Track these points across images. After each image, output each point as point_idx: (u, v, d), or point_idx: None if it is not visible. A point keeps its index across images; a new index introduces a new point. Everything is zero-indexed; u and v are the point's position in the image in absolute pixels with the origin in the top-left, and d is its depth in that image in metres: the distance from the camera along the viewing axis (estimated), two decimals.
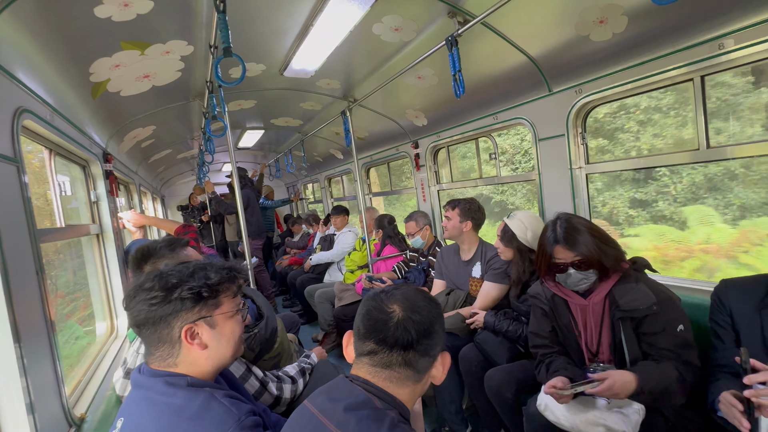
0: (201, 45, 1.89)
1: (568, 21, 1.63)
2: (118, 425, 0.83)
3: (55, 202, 1.69)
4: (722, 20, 1.36)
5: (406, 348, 0.75)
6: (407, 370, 0.76)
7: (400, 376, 0.76)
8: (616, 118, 6.60)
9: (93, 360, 1.74)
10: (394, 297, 0.80)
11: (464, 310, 2.13)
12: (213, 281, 0.86)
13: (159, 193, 5.99)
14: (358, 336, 0.79)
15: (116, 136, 2.54)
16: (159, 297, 0.82)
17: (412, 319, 0.76)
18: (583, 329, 1.42)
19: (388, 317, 0.76)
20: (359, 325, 0.80)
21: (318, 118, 3.65)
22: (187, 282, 0.84)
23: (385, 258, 3.33)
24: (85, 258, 2.16)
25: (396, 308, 0.77)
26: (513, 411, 1.68)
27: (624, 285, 1.33)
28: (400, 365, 0.75)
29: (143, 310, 0.82)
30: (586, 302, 1.39)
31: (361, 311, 0.81)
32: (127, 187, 3.37)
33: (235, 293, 0.92)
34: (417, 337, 0.75)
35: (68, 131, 1.66)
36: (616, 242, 1.37)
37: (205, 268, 0.89)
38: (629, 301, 1.29)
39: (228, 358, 0.90)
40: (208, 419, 0.78)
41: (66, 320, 2.06)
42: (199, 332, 0.85)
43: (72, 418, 1.18)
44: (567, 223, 1.37)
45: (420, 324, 0.76)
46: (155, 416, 0.79)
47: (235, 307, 0.91)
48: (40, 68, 1.36)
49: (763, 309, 1.16)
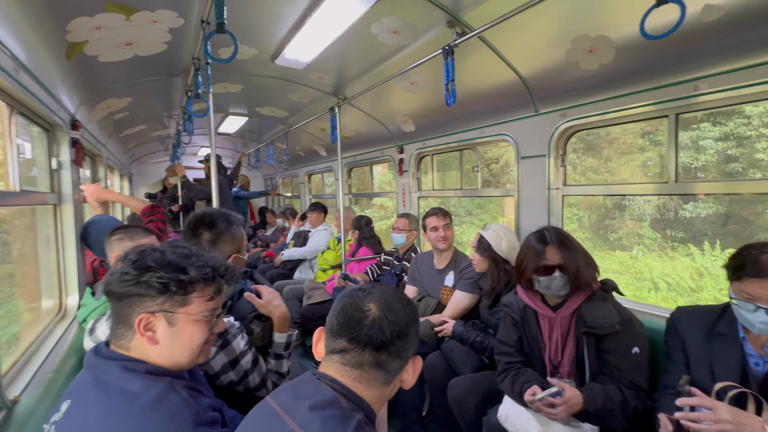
0: (192, 19, 1.81)
1: (560, 46, 1.69)
2: (62, 408, 0.76)
3: (11, 164, 1.56)
4: (699, 64, 1.46)
5: (379, 348, 0.73)
6: (378, 372, 0.74)
7: (370, 377, 0.74)
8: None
9: (35, 340, 1.60)
10: (372, 295, 0.77)
11: (434, 317, 2.14)
12: (186, 277, 0.79)
13: (127, 170, 5.68)
14: (330, 333, 0.77)
15: (88, 103, 2.39)
16: (131, 275, 0.77)
17: (387, 319, 0.74)
18: (548, 341, 1.47)
19: (364, 315, 0.74)
20: (333, 321, 0.77)
21: (305, 112, 3.59)
22: (161, 269, 0.78)
23: (359, 259, 3.30)
24: (37, 229, 2.00)
25: (372, 307, 0.75)
26: (474, 421, 1.69)
27: (592, 303, 1.39)
28: (371, 366, 0.73)
29: (114, 281, 0.78)
30: (555, 315, 1.43)
31: (336, 307, 0.79)
32: (93, 158, 3.16)
33: (212, 296, 0.84)
34: (391, 337, 0.73)
35: (34, 90, 1.54)
36: (594, 261, 1.44)
37: (189, 259, 0.82)
38: (596, 318, 1.34)
39: (182, 363, 0.82)
40: (164, 410, 0.72)
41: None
42: (155, 325, 0.78)
43: (3, 401, 1.07)
44: (556, 230, 1.45)
45: (395, 325, 0.74)
46: (105, 401, 0.73)
47: (207, 311, 0.83)
48: (10, 17, 1.25)
49: (712, 338, 1.23)
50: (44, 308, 1.96)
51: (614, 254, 6.94)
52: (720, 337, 1.22)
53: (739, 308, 1.11)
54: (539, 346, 1.49)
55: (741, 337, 1.19)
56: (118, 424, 0.70)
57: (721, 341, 1.21)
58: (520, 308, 1.53)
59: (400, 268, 2.86)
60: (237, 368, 1.14)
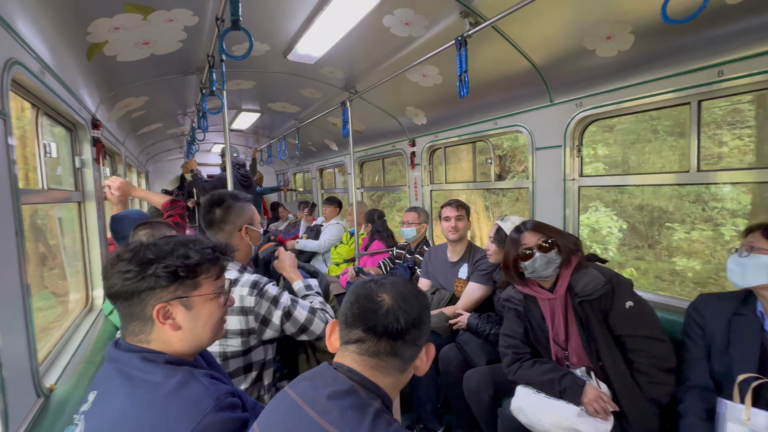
0: (207, 16, 1.83)
1: (576, 33, 1.66)
2: (90, 398, 0.79)
3: (39, 163, 1.61)
4: (724, 48, 1.41)
5: (395, 337, 0.75)
6: (394, 360, 0.76)
7: (386, 366, 0.76)
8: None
9: (65, 332, 1.67)
10: (384, 286, 0.79)
11: (448, 309, 2.14)
12: (192, 261, 0.82)
13: (144, 168, 5.80)
14: (345, 324, 0.78)
15: (107, 102, 2.45)
16: (133, 272, 0.78)
17: (402, 308, 0.76)
18: (551, 324, 1.49)
19: (378, 305, 0.76)
20: (347, 312, 0.78)
21: (316, 107, 3.61)
22: (165, 259, 0.79)
23: (372, 253, 3.32)
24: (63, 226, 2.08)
25: (385, 297, 0.77)
26: (489, 412, 1.70)
27: (578, 273, 1.44)
28: (388, 354, 0.75)
29: (117, 283, 0.78)
30: (553, 296, 1.46)
31: (349, 299, 0.80)
32: (113, 157, 3.25)
33: (218, 275, 0.88)
34: (406, 326, 0.75)
35: (59, 91, 1.59)
36: (572, 236, 1.55)
37: (187, 245, 0.84)
38: (583, 286, 1.40)
39: (205, 340, 0.86)
40: (186, 398, 0.75)
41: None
42: (172, 312, 0.81)
43: (41, 389, 1.13)
44: (531, 221, 1.59)
45: (409, 313, 0.76)
46: (130, 391, 0.75)
47: (217, 289, 0.87)
48: (36, 20, 1.29)
49: (733, 319, 1.25)
50: (72, 303, 2.04)
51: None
52: (739, 317, 1.24)
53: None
54: (545, 334, 1.51)
55: (759, 312, 1.20)
56: (142, 412, 0.73)
57: (741, 321, 1.23)
58: (521, 299, 1.57)
59: (413, 261, 2.86)
60: (292, 320, 1.33)
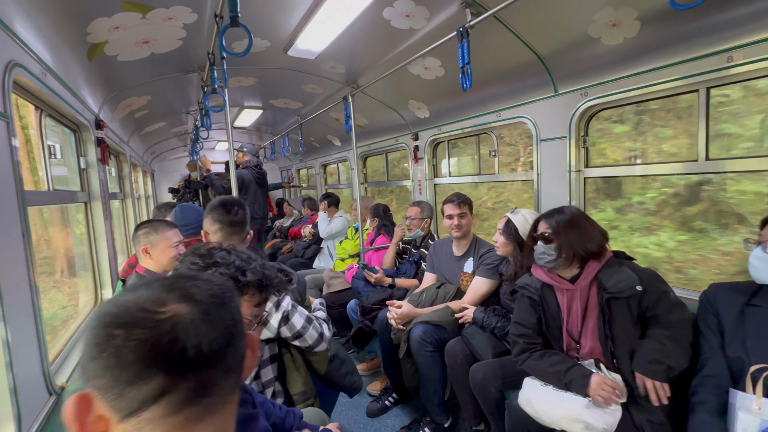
0: (205, 14, 1.82)
1: (581, 21, 1.62)
2: None
3: (44, 165, 1.63)
4: (733, 32, 1.37)
5: (215, 362, 0.44)
6: (229, 380, 0.48)
7: (218, 399, 0.46)
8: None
9: (75, 331, 1.70)
10: (161, 289, 0.47)
11: (454, 303, 2.14)
12: (244, 279, 0.84)
13: (149, 167, 5.84)
14: (123, 381, 0.39)
15: (110, 102, 2.46)
16: (198, 266, 0.85)
17: (204, 322, 0.44)
18: (567, 315, 1.47)
19: (163, 329, 0.42)
20: (113, 362, 0.39)
21: (318, 102, 3.59)
22: (224, 266, 0.85)
23: (377, 248, 3.32)
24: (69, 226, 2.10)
25: (173, 308, 0.43)
26: (495, 405, 1.71)
27: (609, 269, 1.40)
28: (217, 382, 0.45)
29: (183, 268, 0.85)
30: (574, 287, 1.44)
31: (107, 338, 0.40)
32: (117, 157, 3.27)
33: (259, 303, 0.89)
34: (220, 348, 0.44)
35: (61, 92, 1.59)
36: (597, 226, 1.45)
37: (249, 263, 0.88)
38: (615, 283, 1.36)
39: None
40: None
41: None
42: None
43: (53, 387, 1.15)
44: (562, 208, 1.50)
45: (213, 328, 0.45)
46: None
47: (251, 316, 0.87)
48: (35, 22, 1.29)
49: (747, 311, 1.22)
50: (81, 302, 2.07)
51: None
52: (754, 308, 1.21)
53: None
54: (559, 324, 1.49)
55: None
56: None
57: (756, 312, 1.20)
58: (538, 288, 1.54)
59: (418, 256, 2.86)
60: (289, 325, 1.34)
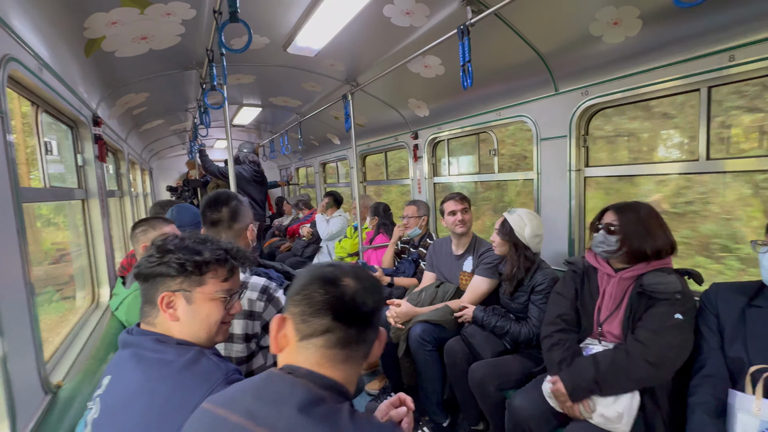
0: (204, 9, 1.80)
1: (582, 19, 1.61)
2: (104, 383, 0.83)
3: (40, 161, 1.61)
4: (736, 31, 1.36)
5: (364, 322, 0.69)
6: (363, 347, 0.70)
7: (355, 356, 0.70)
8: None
9: (71, 329, 1.68)
10: (342, 270, 0.72)
11: (453, 302, 2.13)
12: (201, 258, 0.87)
13: (148, 165, 5.81)
14: (308, 314, 0.67)
15: (108, 99, 2.44)
16: (155, 258, 0.86)
17: (367, 291, 0.70)
18: (601, 297, 1.49)
19: (343, 290, 0.68)
20: (307, 300, 0.68)
21: (318, 101, 3.58)
22: (179, 252, 0.86)
23: (376, 247, 3.31)
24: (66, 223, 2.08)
25: (348, 281, 0.70)
26: (495, 404, 1.70)
27: (658, 271, 1.38)
28: (357, 342, 0.69)
29: (141, 264, 0.87)
30: (614, 275, 1.46)
31: (307, 286, 0.69)
32: (115, 154, 3.25)
33: (226, 277, 0.91)
34: (373, 309, 0.70)
35: (57, 87, 1.58)
36: (668, 234, 1.41)
37: (205, 243, 0.90)
38: (655, 283, 1.34)
39: (201, 339, 0.88)
40: (197, 371, 0.79)
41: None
42: (175, 303, 0.86)
43: (49, 386, 1.13)
44: (635, 203, 1.46)
45: (373, 295, 0.71)
46: (144, 369, 0.80)
47: (222, 292, 0.89)
48: (31, 16, 1.27)
49: (748, 311, 1.22)
50: (78, 300, 2.05)
51: None
52: (755, 309, 1.20)
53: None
54: (593, 304, 1.51)
55: None
56: (158, 386, 0.77)
57: (756, 313, 1.20)
58: (583, 267, 1.58)
59: (417, 255, 2.85)
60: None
